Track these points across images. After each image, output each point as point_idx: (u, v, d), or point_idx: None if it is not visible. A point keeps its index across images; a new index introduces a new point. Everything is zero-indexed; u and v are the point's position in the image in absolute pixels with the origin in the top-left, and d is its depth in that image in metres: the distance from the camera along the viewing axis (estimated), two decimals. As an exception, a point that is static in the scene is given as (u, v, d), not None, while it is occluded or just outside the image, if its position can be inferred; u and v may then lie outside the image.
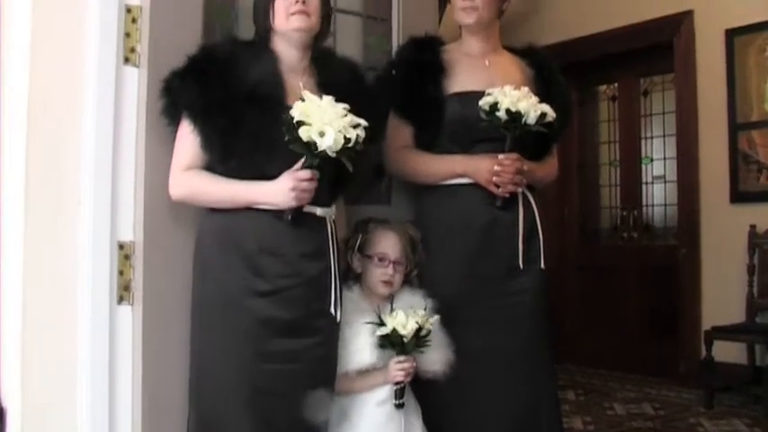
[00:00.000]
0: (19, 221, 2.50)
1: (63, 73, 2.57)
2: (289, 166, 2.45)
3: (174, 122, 2.55)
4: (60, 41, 2.57)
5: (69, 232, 2.55)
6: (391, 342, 2.63)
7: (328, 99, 2.42)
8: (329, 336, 2.60)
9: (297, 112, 2.36)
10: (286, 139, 2.37)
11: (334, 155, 2.38)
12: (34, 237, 2.50)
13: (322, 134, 2.34)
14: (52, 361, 2.52)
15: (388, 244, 2.81)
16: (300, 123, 2.34)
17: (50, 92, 2.55)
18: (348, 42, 3.16)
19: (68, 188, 2.56)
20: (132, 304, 2.59)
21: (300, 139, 2.35)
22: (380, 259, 2.79)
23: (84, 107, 2.58)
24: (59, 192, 2.55)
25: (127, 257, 2.59)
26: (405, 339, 2.62)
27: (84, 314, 2.54)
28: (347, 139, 2.38)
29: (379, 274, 2.79)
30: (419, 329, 2.63)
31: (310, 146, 2.36)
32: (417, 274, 2.89)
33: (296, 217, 2.48)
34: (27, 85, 2.52)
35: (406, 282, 2.86)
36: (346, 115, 2.41)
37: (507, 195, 2.86)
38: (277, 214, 2.49)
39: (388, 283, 2.79)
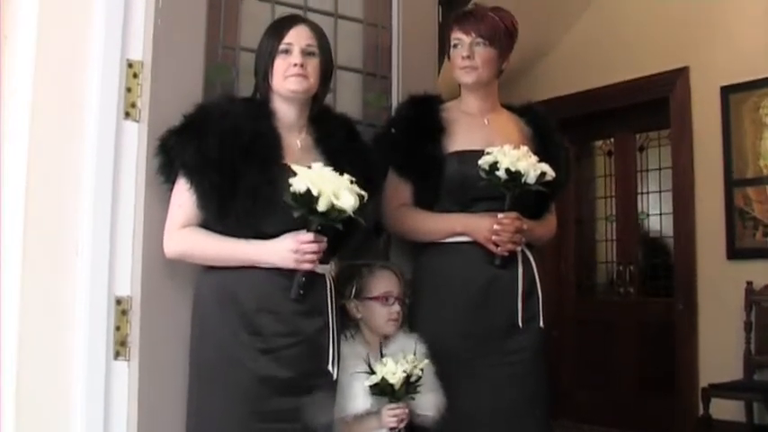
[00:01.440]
0: (16, 274, 2.49)
1: (64, 126, 2.58)
2: (286, 223, 2.44)
3: (170, 181, 2.55)
4: (62, 94, 2.59)
5: (66, 286, 2.54)
6: (382, 390, 2.64)
7: (318, 165, 2.43)
8: (328, 394, 2.58)
9: (305, 183, 2.35)
10: (297, 215, 2.37)
11: (353, 214, 2.40)
12: (31, 290, 2.49)
13: (338, 197, 2.36)
14: (47, 417, 2.49)
15: (390, 282, 2.85)
16: (312, 195, 2.35)
17: (51, 145, 2.56)
18: (347, 98, 3.17)
19: (66, 242, 2.55)
20: (128, 360, 2.57)
21: (316, 209, 2.35)
22: (386, 298, 2.81)
23: (84, 161, 2.58)
24: (57, 246, 2.54)
25: (124, 313, 2.57)
26: (395, 387, 2.63)
27: (80, 369, 2.52)
28: (361, 196, 2.41)
29: (386, 314, 2.81)
30: (408, 376, 2.64)
31: (330, 213, 2.37)
32: (408, 316, 2.91)
33: (304, 289, 2.48)
34: (28, 137, 2.53)
35: (403, 321, 2.88)
36: (342, 174, 2.43)
37: (506, 254, 2.86)
38: (281, 272, 2.48)
39: (396, 320, 2.82)
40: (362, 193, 2.43)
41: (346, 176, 2.42)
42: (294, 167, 2.41)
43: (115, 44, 2.62)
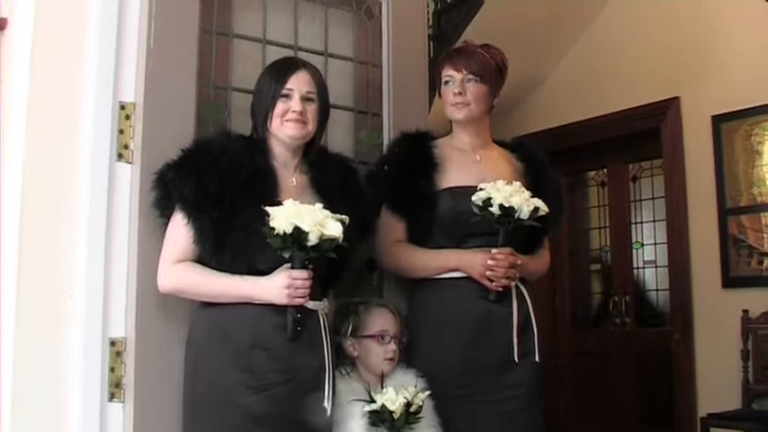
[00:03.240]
0: (11, 317, 2.49)
1: (57, 169, 2.59)
2: (279, 259, 2.45)
3: (165, 215, 2.56)
4: (54, 138, 2.60)
5: (61, 328, 2.54)
6: (381, 418, 2.63)
7: (290, 202, 2.43)
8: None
9: (289, 221, 2.36)
10: (289, 255, 2.39)
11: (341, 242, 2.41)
12: (25, 332, 2.49)
13: (324, 227, 2.37)
14: (41, 461, 2.48)
15: (386, 320, 2.84)
16: (301, 231, 2.35)
17: (44, 187, 2.57)
18: (339, 136, 3.19)
19: (60, 284, 2.55)
20: (123, 402, 2.57)
21: (306, 245, 2.36)
22: (382, 337, 2.80)
23: (78, 203, 2.59)
24: (51, 288, 2.55)
25: (118, 354, 2.57)
26: (394, 415, 2.61)
27: (75, 412, 2.52)
28: (342, 222, 2.43)
29: (382, 352, 2.81)
30: (408, 405, 2.63)
31: (322, 245, 2.38)
32: (404, 352, 2.90)
33: (299, 326, 2.48)
34: (21, 180, 2.54)
35: (399, 359, 2.86)
36: (314, 204, 2.45)
37: (501, 289, 2.86)
38: (275, 309, 2.47)
39: (392, 359, 2.81)
40: (342, 217, 2.44)
41: (318, 205, 2.44)
42: (267, 209, 2.41)
43: (107, 86, 2.65)
